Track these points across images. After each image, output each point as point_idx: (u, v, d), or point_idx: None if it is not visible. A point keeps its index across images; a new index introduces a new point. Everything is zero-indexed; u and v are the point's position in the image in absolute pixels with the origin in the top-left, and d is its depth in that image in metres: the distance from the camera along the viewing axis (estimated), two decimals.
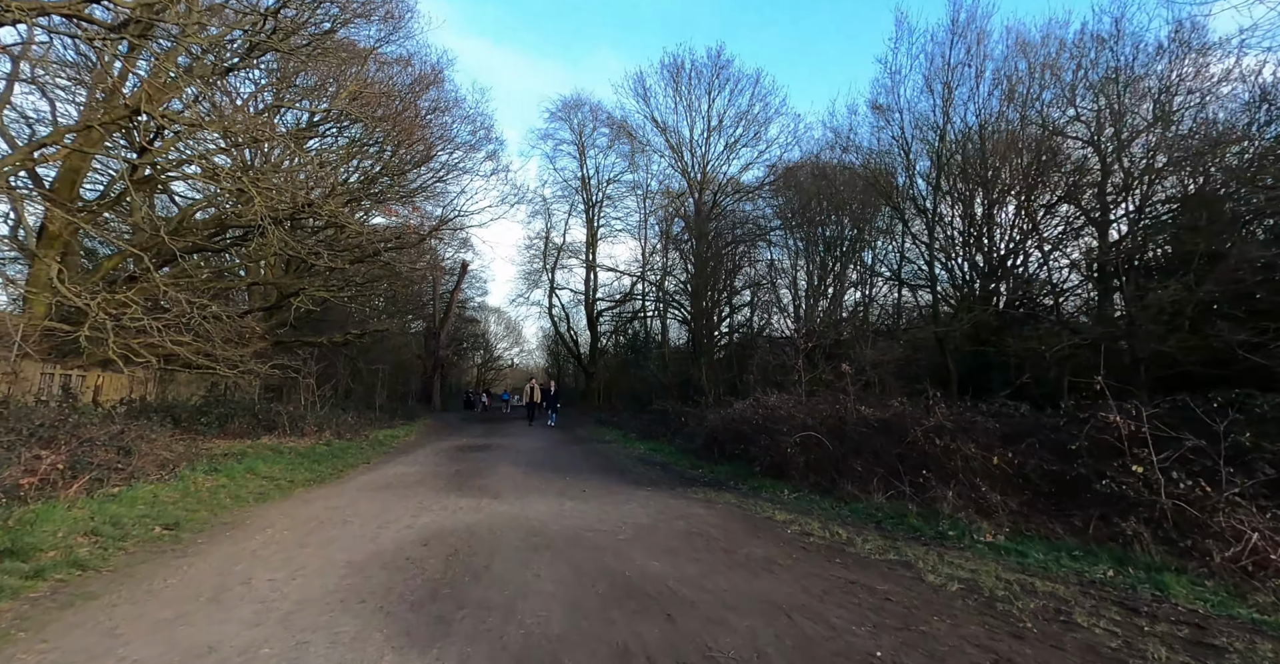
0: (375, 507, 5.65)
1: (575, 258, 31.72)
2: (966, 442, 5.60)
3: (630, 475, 8.31)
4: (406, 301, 29.06)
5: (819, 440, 7.07)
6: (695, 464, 9.29)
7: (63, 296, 9.08)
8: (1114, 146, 12.76)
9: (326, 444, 10.65)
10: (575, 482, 7.52)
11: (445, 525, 4.87)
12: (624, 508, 5.78)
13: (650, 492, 6.86)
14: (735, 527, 4.99)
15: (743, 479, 7.66)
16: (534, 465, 9.17)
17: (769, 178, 23.99)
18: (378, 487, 6.92)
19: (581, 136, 30.08)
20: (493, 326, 48.30)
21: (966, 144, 15.26)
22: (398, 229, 19.04)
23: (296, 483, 6.75)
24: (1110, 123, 12.77)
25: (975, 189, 15.53)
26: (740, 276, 23.64)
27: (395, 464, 9.11)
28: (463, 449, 11.48)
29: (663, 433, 12.86)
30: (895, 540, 4.51)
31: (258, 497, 5.75)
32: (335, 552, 3.99)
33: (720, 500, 6.28)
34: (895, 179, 16.70)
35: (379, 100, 12.68)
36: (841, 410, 7.49)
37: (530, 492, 6.69)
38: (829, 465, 6.87)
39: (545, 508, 5.70)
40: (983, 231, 15.34)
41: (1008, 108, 14.59)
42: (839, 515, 5.48)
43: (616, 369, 27.78)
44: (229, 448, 9.08)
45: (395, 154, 14.27)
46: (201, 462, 6.59)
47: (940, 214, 15.86)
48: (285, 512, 5.24)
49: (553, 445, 12.62)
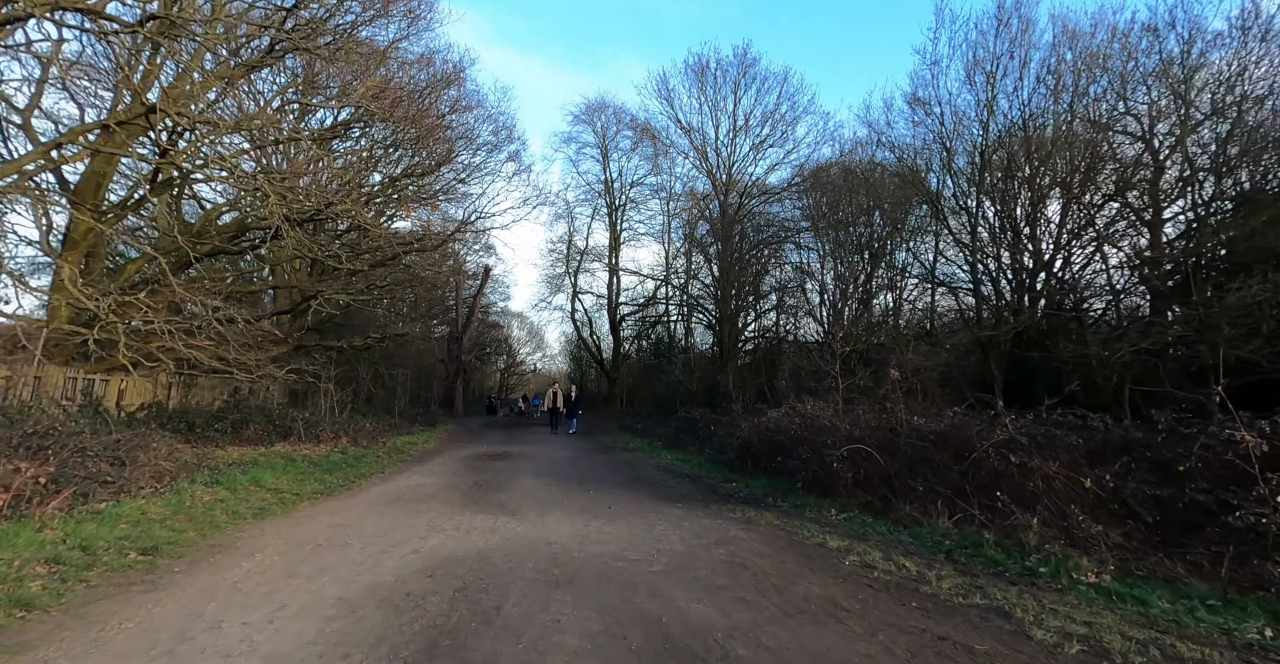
0: (382, 525, 5.16)
1: (598, 261, 31.35)
2: (1046, 459, 4.88)
3: (659, 489, 7.71)
4: (430, 306, 28.98)
5: (868, 454, 6.39)
6: (728, 477, 8.66)
7: (74, 299, 8.86)
8: (1172, 140, 11.87)
9: (342, 452, 10.27)
10: (600, 496, 6.95)
11: (456, 551, 4.33)
12: (655, 530, 5.19)
13: (682, 509, 6.26)
14: (784, 556, 4.36)
15: (782, 495, 7.01)
16: (556, 477, 8.63)
17: (796, 178, 23.27)
18: (389, 500, 6.44)
19: (605, 139, 29.75)
20: (515, 332, 48.22)
21: (1010, 139, 14.42)
22: (418, 233, 18.82)
23: (303, 496, 6.31)
24: (1166, 116, 11.89)
25: (1020, 186, 14.67)
26: (767, 280, 22.96)
27: (411, 474, 8.66)
28: (482, 458, 11.01)
29: (691, 442, 12.23)
30: (975, 577, 3.84)
31: (257, 513, 5.30)
32: (327, 584, 3.47)
33: (761, 521, 5.64)
34: (933, 176, 15.90)
35: (399, 97, 12.37)
36: (892, 421, 6.79)
37: (552, 508, 6.15)
38: (880, 482, 6.18)
39: (568, 529, 5.14)
40: (1028, 231, 14.46)
41: (1054, 101, 13.74)
42: (899, 542, 4.81)
43: (639, 374, 27.24)
44: (240, 456, 8.73)
45: (416, 154, 13.96)
46: (203, 472, 6.19)
47: (983, 212, 15.00)
48: (283, 531, 4.77)
49: (576, 454, 12.09)
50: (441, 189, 17.71)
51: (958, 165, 15.08)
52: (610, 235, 30.45)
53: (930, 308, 17.13)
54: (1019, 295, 14.79)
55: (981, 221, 14.83)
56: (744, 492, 7.58)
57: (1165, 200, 12.36)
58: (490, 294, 35.99)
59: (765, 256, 22.45)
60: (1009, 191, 14.86)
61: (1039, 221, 14.27)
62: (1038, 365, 15.08)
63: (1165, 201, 12.33)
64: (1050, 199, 14.21)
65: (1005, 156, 14.47)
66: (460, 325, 30.86)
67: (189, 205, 15.92)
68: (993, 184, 14.83)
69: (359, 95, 10.61)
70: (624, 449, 13.33)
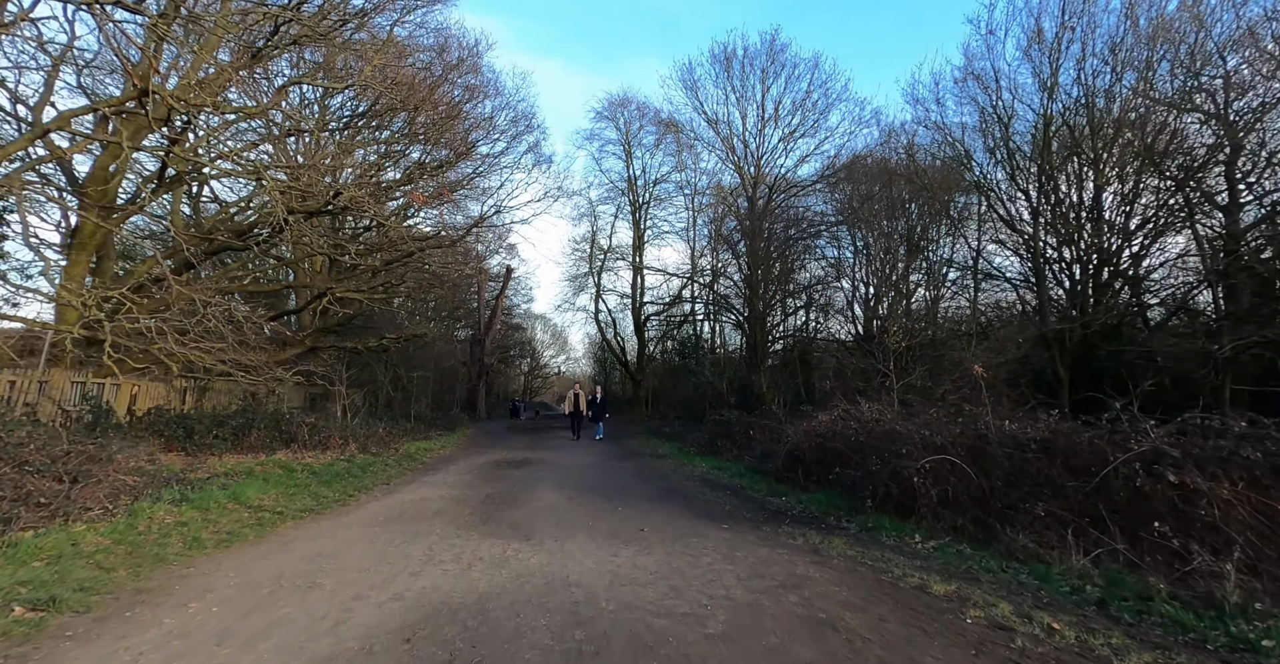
0: (368, 555, 4.23)
1: (622, 260, 30.50)
2: (1216, 479, 3.73)
3: (698, 505, 6.67)
4: (453, 308, 28.39)
5: (953, 466, 5.27)
6: (775, 489, 7.57)
7: (62, 298, 8.22)
8: (1249, 117, 10.54)
9: (348, 460, 9.45)
10: (631, 514, 5.95)
11: (450, 596, 3.37)
12: (702, 562, 4.16)
13: (730, 532, 5.21)
14: (880, 607, 3.29)
15: (846, 513, 5.91)
16: (580, 488, 7.66)
17: (829, 169, 22.04)
18: (386, 519, 5.54)
19: (628, 135, 28.93)
20: (539, 334, 47.66)
21: (1073, 117, 13.06)
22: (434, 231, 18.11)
23: (286, 515, 5.43)
24: (1243, 90, 10.58)
25: (1085, 169, 13.30)
26: (799, 276, 21.78)
27: (419, 485, 7.77)
28: (500, 465, 10.10)
29: (727, 448, 11.15)
30: (1169, 651, 2.73)
31: (222, 539, 4.41)
32: (266, 654, 2.53)
33: (831, 550, 4.57)
34: (984, 158, 14.57)
35: (411, 81, 11.60)
36: (980, 426, 5.65)
37: (574, 530, 5.16)
38: (973, 502, 5.06)
39: (593, 561, 4.14)
40: (1093, 217, 13.09)
41: (1117, 77, 12.37)
42: (1022, 586, 3.70)
43: (664, 376, 26.24)
44: (235, 465, 7.95)
45: (431, 143, 13.18)
46: (173, 488, 5.36)
47: (1045, 197, 13.65)
48: (244, 565, 3.87)
49: (600, 461, 11.11)
50: (459, 180, 16.96)
51: (1015, 145, 13.74)
52: (634, 234, 29.61)
53: (973, 301, 15.77)
54: (1084, 287, 13.43)
55: (1043, 207, 13.47)
56: (797, 508, 6.50)
57: (1243, 183, 11.02)
58: (513, 296, 35.40)
59: (798, 250, 21.28)
60: (1074, 174, 13.51)
61: (1105, 207, 12.90)
62: (1105, 362, 13.68)
63: (1243, 184, 10.99)
64: (1118, 182, 12.83)
65: (1069, 136, 13.13)
66: (482, 327, 30.21)
67: (210, 210, 15.44)
68: (1056, 166, 13.48)
69: (365, 74, 9.83)
70: (653, 455, 12.31)
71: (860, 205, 16.79)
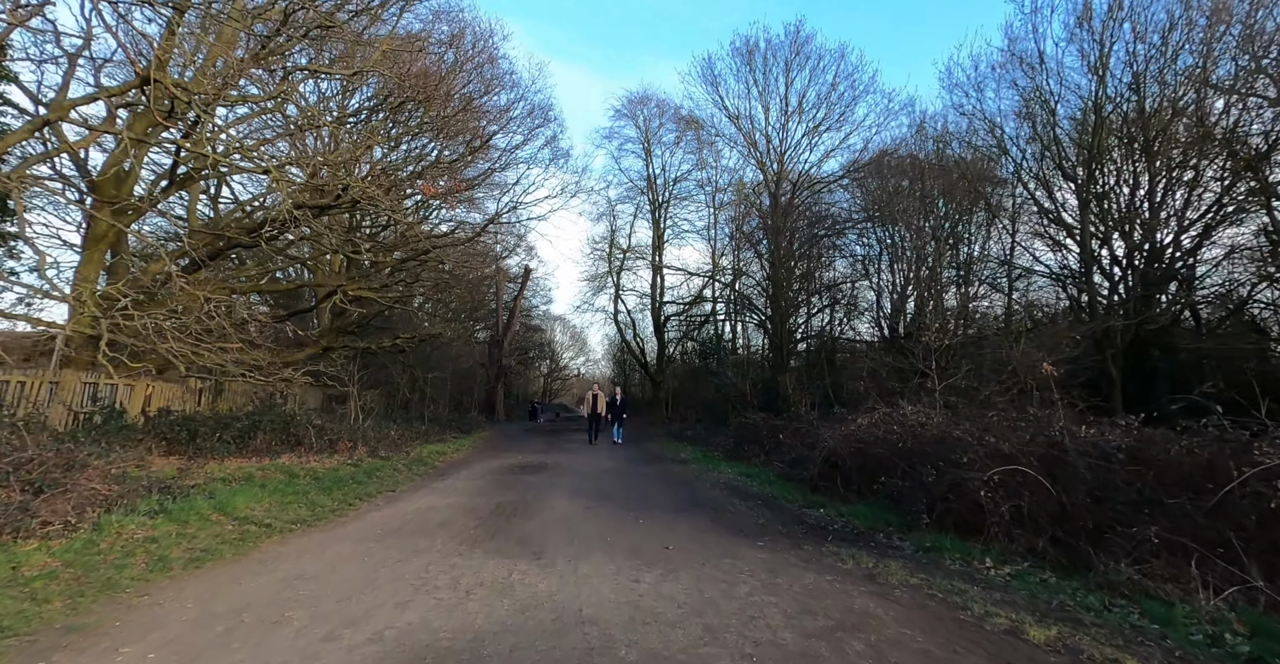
0: (355, 578, 3.69)
1: (641, 259, 29.96)
2: None
3: (727, 517, 6.03)
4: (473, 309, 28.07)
5: (1028, 479, 4.56)
6: (811, 500, 6.89)
7: (58, 293, 7.90)
8: None
9: (355, 464, 8.99)
10: (653, 527, 5.34)
11: (438, 636, 2.80)
12: (739, 592, 3.54)
13: (767, 551, 4.58)
14: (968, 661, 2.64)
15: (898, 530, 5.22)
16: (597, 496, 7.07)
17: (855, 164, 21.21)
18: (384, 532, 5.01)
19: (647, 133, 28.41)
20: (558, 336, 47.32)
21: (1123, 102, 12.15)
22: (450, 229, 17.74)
23: (275, 528, 4.93)
24: None
25: (1139, 157, 12.37)
26: (824, 274, 20.99)
27: (426, 492, 7.26)
28: (514, 470, 9.57)
29: (754, 453, 10.47)
30: None
31: (193, 559, 3.91)
32: None
33: (889, 577, 3.91)
34: (1023, 148, 13.69)
35: (421, 70, 11.17)
36: (1054, 432, 4.92)
37: (589, 547, 4.58)
38: (1051, 520, 4.35)
39: (610, 589, 3.55)
40: (1152, 208, 12.16)
41: (1170, 61, 11.44)
42: (1142, 632, 3.00)
43: (684, 377, 25.59)
44: (234, 470, 7.51)
45: (443, 135, 12.74)
46: (152, 498, 4.89)
47: (1094, 187, 12.74)
48: (207, 593, 3.34)
49: (620, 466, 10.51)
50: (475, 177, 16.54)
51: (1062, 131, 12.83)
52: (654, 233, 29.06)
53: (1009, 297, 14.84)
54: (1134, 282, 12.49)
55: (1091, 198, 12.56)
56: (839, 522, 5.82)
57: None
58: (532, 297, 35.07)
59: (823, 248, 20.50)
60: (1125, 163, 12.59)
61: (1157, 198, 11.96)
62: (1158, 363, 12.73)
63: None
64: (1172, 171, 11.88)
65: (1120, 122, 12.21)
66: (500, 328, 29.86)
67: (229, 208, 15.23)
68: (1107, 154, 12.56)
69: (374, 61, 9.40)
70: (675, 460, 11.68)
71: (891, 198, 15.99)
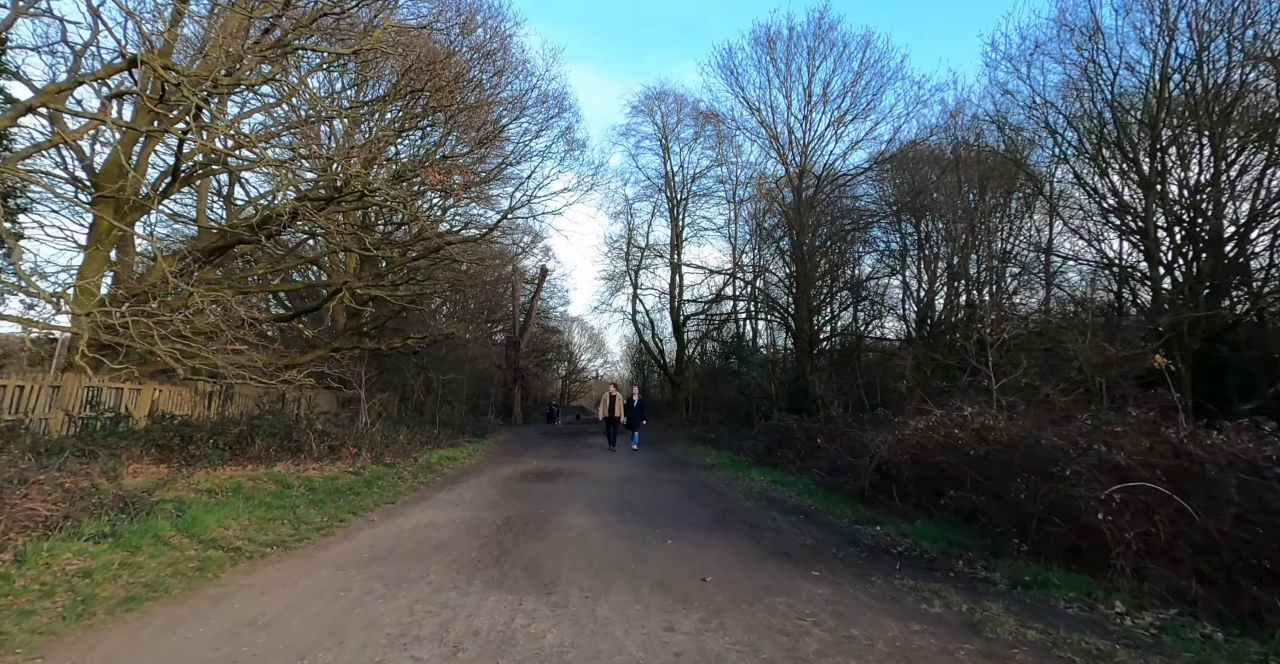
0: (320, 625, 2.94)
1: (660, 257, 29.19)
2: None
3: (770, 536, 5.19)
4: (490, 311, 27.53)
5: (1160, 499, 3.66)
6: (863, 514, 6.01)
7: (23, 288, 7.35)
8: None
9: (356, 472, 8.32)
10: (685, 550, 4.53)
11: None
12: (805, 649, 2.71)
13: (828, 584, 3.74)
14: None
15: (981, 557, 4.34)
16: (617, 509, 6.29)
17: (884, 154, 20.18)
18: (371, 557, 4.27)
19: (665, 130, 27.65)
20: (576, 337, 46.73)
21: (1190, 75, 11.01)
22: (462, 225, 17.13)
23: (245, 552, 4.21)
24: None
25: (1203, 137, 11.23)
26: (854, 268, 20.02)
27: (428, 505, 6.53)
28: (528, 478, 8.83)
29: (788, 458, 9.60)
30: None
31: (127, 599, 3.19)
32: None
33: (998, 627, 3.04)
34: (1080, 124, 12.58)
35: (430, 54, 10.52)
36: (1181, 440, 4.00)
37: (610, 577, 3.79)
38: (1194, 553, 3.45)
39: (637, 642, 2.75)
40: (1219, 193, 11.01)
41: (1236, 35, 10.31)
42: None
43: (705, 378, 24.73)
44: (223, 480, 6.87)
45: (450, 118, 12.08)
46: (104, 518, 4.21)
47: (1158, 171, 11.60)
48: (119, 651, 2.61)
49: (641, 472, 9.71)
50: (489, 172, 15.88)
51: (1119, 108, 11.71)
52: (672, 231, 28.27)
53: (1045, 290, 13.72)
54: (1203, 272, 11.35)
55: (1157, 181, 11.43)
56: (903, 544, 4.95)
57: None
58: (549, 299, 34.50)
59: (850, 242, 19.53)
60: (1188, 144, 11.43)
61: (1223, 183, 10.81)
62: (1226, 359, 11.59)
63: None
64: (1241, 153, 10.73)
65: (1184, 99, 11.08)
66: (517, 330, 29.28)
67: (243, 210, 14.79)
68: (1174, 134, 11.41)
69: (375, 37, 8.76)
70: (700, 465, 10.85)
71: (925, 187, 14.98)
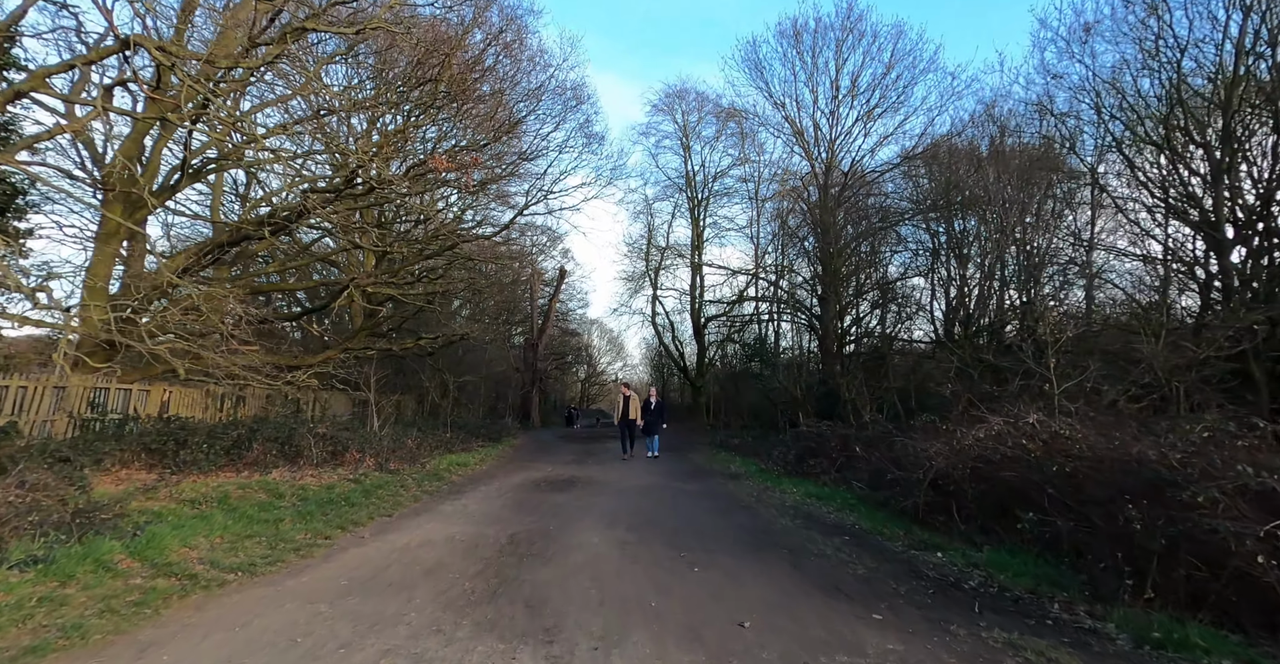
0: None
1: (680, 258, 28.51)
2: None
3: (814, 563, 4.45)
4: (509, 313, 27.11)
5: None
6: (919, 538, 5.22)
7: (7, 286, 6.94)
8: None
9: (357, 479, 7.76)
10: (716, 580, 3.82)
11: None
12: None
13: (897, 634, 3.01)
14: None
15: (1077, 595, 3.54)
16: (636, 526, 5.60)
17: (915, 149, 19.23)
18: (349, 585, 3.65)
19: (686, 128, 27.02)
20: (595, 340, 46.23)
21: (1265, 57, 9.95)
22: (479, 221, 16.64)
23: (202, 580, 3.61)
24: None
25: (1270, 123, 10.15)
26: (883, 268, 19.08)
27: (428, 517, 5.92)
28: (539, 487, 8.19)
29: (823, 468, 8.81)
30: None
31: (29, 650, 2.57)
32: None
33: None
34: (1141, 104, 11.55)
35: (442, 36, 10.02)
36: None
37: (627, 618, 3.10)
38: None
39: None
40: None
41: None
42: None
43: (727, 382, 23.93)
44: (210, 489, 6.34)
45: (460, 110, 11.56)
46: (43, 539, 3.65)
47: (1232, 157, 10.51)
48: None
49: (662, 482, 9.01)
50: (507, 167, 15.36)
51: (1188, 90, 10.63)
52: (693, 231, 27.59)
53: (1088, 294, 12.66)
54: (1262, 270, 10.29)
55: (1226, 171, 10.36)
56: (975, 577, 4.16)
57: None
58: (568, 301, 34.00)
59: (879, 240, 18.61)
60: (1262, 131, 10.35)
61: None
62: None
63: None
64: None
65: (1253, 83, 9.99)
66: (535, 332, 28.79)
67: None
68: (1250, 119, 10.32)
69: (379, 18, 8.25)
70: (725, 475, 10.10)
71: (971, 178, 14.04)
